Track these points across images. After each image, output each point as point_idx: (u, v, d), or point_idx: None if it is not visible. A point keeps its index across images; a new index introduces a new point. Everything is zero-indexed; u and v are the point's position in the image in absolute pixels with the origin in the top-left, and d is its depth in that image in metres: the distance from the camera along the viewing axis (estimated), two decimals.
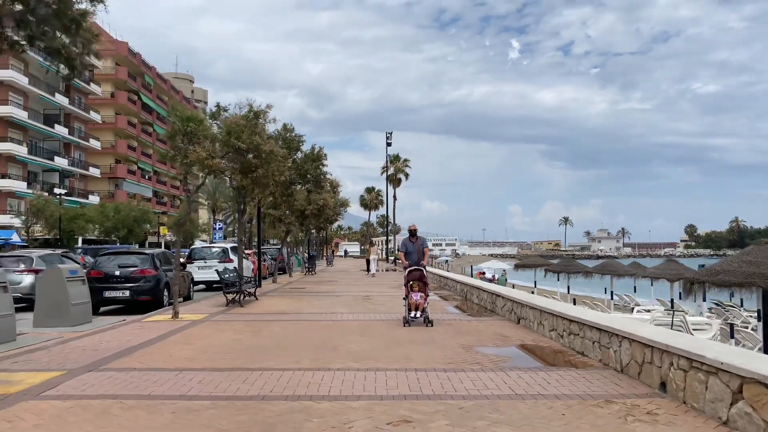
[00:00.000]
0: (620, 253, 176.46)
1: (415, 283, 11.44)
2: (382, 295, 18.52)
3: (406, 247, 12.25)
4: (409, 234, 12.54)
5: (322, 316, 12.92)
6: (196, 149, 11.74)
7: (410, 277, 11.59)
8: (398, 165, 73.56)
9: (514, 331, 10.51)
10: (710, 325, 13.43)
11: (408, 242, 12.30)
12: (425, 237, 12.27)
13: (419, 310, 11.13)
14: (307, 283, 25.27)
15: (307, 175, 19.55)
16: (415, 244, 12.14)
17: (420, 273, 11.58)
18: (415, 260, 11.96)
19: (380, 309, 14.47)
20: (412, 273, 11.61)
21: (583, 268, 25.75)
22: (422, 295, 11.26)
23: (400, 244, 12.36)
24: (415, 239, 12.23)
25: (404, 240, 12.54)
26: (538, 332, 10.21)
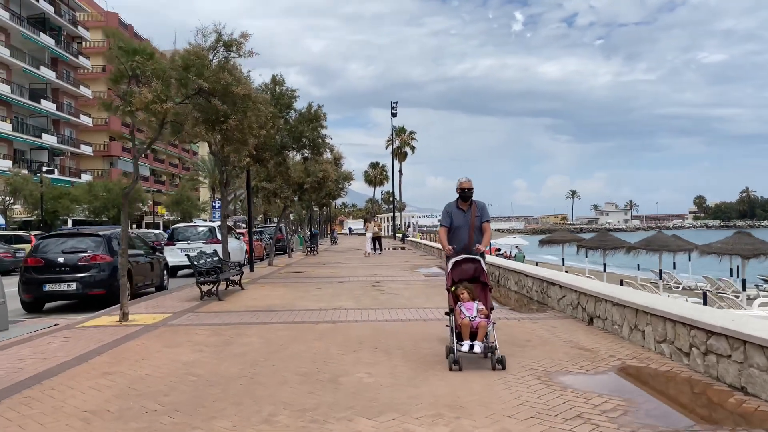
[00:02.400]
0: (628, 226, 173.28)
1: (466, 287, 6.37)
2: (394, 281, 15.35)
3: (450, 218, 6.88)
4: (459, 196, 6.89)
5: (319, 315, 9.75)
6: (142, 91, 8.47)
7: (459, 273, 6.51)
8: (404, 138, 70.09)
9: (594, 339, 7.31)
10: None
11: (455, 210, 6.88)
12: (483, 203, 6.97)
13: (479, 337, 6.04)
14: (307, 266, 22.12)
15: (302, 139, 16.28)
16: (467, 214, 6.77)
17: (477, 267, 6.50)
18: (466, 242, 6.71)
19: (395, 302, 11.29)
20: (463, 266, 6.50)
21: (624, 243, 22.58)
22: (482, 309, 6.23)
23: (442, 213, 7.02)
24: (469, 205, 6.82)
25: (448, 207, 6.96)
26: (633, 341, 7.02)
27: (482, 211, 6.87)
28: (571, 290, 9.17)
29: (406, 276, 16.89)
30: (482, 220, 6.83)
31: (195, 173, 74.66)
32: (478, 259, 6.52)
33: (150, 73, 8.66)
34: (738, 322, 5.23)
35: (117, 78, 9.24)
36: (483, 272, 6.53)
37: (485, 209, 6.95)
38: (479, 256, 6.55)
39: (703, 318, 5.58)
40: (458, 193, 6.88)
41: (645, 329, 6.73)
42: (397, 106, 54.93)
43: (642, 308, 6.76)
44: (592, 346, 6.97)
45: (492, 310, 6.40)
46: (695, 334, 5.65)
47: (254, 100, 9.71)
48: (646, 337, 6.72)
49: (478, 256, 6.53)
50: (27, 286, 11.73)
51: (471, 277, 6.55)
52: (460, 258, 6.52)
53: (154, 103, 8.38)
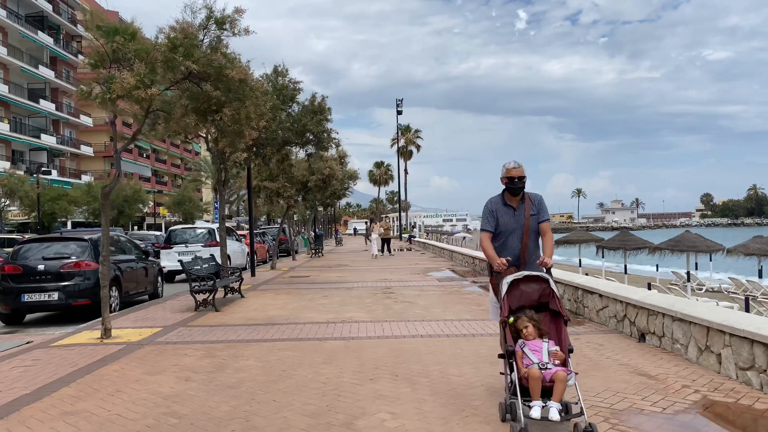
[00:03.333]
0: (635, 224, 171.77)
1: (531, 318, 4.39)
2: (406, 287, 14.20)
3: (496, 219, 4.93)
4: (506, 189, 4.96)
5: (327, 330, 8.62)
6: (124, 75, 7.35)
7: (517, 298, 4.51)
8: (409, 136, 68.92)
9: (653, 362, 6.15)
10: None
11: (501, 208, 4.95)
12: (539, 196, 5.05)
13: (555, 395, 4.05)
14: (312, 269, 20.99)
15: (306, 133, 15.13)
16: (518, 213, 4.90)
17: (543, 288, 4.52)
18: (519, 252, 4.87)
19: (410, 312, 10.16)
20: (522, 288, 4.52)
21: (647, 243, 21.37)
22: (557, 351, 4.29)
23: (483, 214, 5.02)
24: (520, 201, 4.94)
25: (492, 205, 5.01)
26: (704, 366, 5.86)
27: (539, 207, 4.91)
28: (614, 300, 8.01)
29: (418, 281, 15.75)
30: (540, 219, 4.88)
31: (197, 174, 73.80)
32: (546, 278, 4.45)
33: (132, 55, 7.52)
34: None
35: (96, 62, 8.13)
36: (553, 296, 4.43)
37: (543, 204, 4.95)
38: (546, 273, 4.52)
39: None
40: (505, 184, 4.91)
41: (722, 352, 5.58)
42: (402, 104, 53.83)
43: (717, 326, 5.60)
44: (655, 371, 5.81)
45: (571, 353, 4.28)
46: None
47: (252, 87, 8.57)
48: (723, 361, 5.57)
49: (544, 273, 4.49)
50: (4, 297, 10.63)
51: (535, 303, 4.46)
52: (519, 276, 4.46)
53: (137, 88, 7.26)
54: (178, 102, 8.05)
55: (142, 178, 65.27)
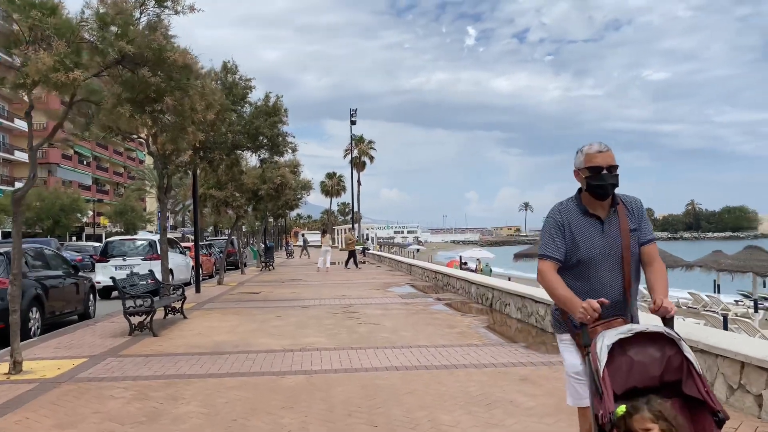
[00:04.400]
0: None
1: (655, 413, 2.34)
2: (368, 305, 13.08)
3: (569, 234, 3.01)
4: (589, 187, 3.00)
5: (285, 360, 7.42)
6: (40, 56, 6.04)
7: (624, 373, 2.51)
8: (363, 147, 68.02)
9: None
10: None
11: (579, 220, 3.04)
12: (638, 201, 3.12)
13: None
14: (263, 284, 19.61)
15: (258, 137, 13.83)
16: (609, 228, 3.01)
17: (670, 356, 2.52)
18: (620, 293, 2.97)
19: (378, 336, 9.05)
20: (630, 354, 2.52)
21: None
22: None
23: (545, 229, 3.08)
24: (610, 208, 3.04)
25: (561, 215, 3.07)
26: (738, 407, 4.97)
27: (640, 218, 3.07)
28: None
29: (380, 297, 14.65)
30: (643, 239, 3.05)
31: (141, 182, 70.97)
32: (673, 337, 2.56)
33: (51, 32, 6.22)
34: None
35: (10, 42, 6.78)
36: (690, 370, 2.50)
37: (644, 215, 3.12)
38: (670, 329, 2.65)
39: None
40: (584, 180, 3.02)
41: (765, 392, 4.69)
42: (356, 114, 52.96)
43: (758, 362, 4.72)
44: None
45: None
46: None
47: (198, 75, 7.36)
48: (765, 404, 4.69)
49: (665, 329, 2.62)
50: None
51: (657, 382, 2.51)
52: (626, 333, 2.55)
53: (56, 71, 5.95)
54: (109, 90, 6.78)
55: (81, 187, 62.27)
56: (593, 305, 2.70)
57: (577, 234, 3.01)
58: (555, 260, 2.99)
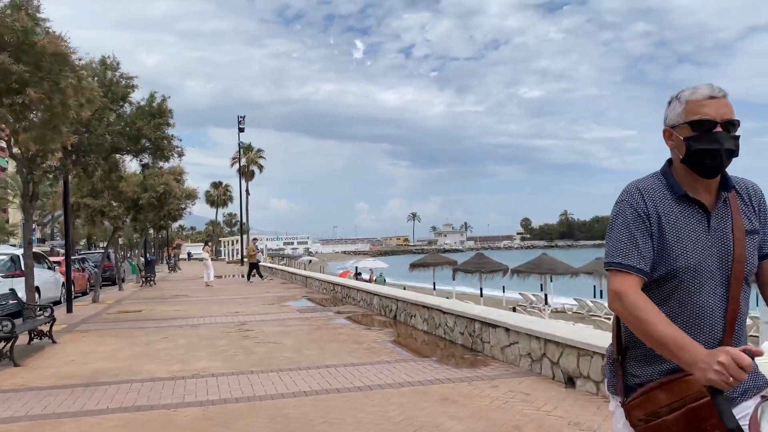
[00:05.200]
0: (464, 246, 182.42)
1: None
2: (264, 321, 12.23)
3: (657, 230, 1.86)
4: (690, 155, 1.85)
5: (176, 391, 6.52)
6: None
7: None
8: (251, 155, 66.07)
9: (603, 417, 5.02)
10: None
11: (673, 209, 1.87)
12: (756, 187, 2.01)
13: None
14: (145, 301, 18.05)
15: (141, 139, 12.54)
16: (718, 223, 1.88)
17: None
18: (721, 317, 1.85)
19: (280, 357, 8.31)
20: None
21: (502, 266, 21.37)
22: None
23: (617, 221, 1.89)
24: (718, 193, 1.90)
25: (644, 201, 1.87)
26: None
27: (764, 217, 1.98)
28: (528, 336, 6.89)
29: (276, 312, 13.82)
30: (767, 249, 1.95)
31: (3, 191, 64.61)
32: None
33: None
34: None
35: None
36: None
37: (766, 205, 2.00)
38: None
39: None
40: (686, 141, 1.86)
41: None
42: (244, 121, 51.42)
43: None
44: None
45: None
46: None
47: (74, 67, 6.30)
48: None
49: None
50: None
51: None
52: None
53: None
54: None
55: None
56: (739, 358, 1.57)
57: (669, 231, 1.85)
58: (640, 273, 1.81)
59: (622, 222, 1.89)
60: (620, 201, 1.93)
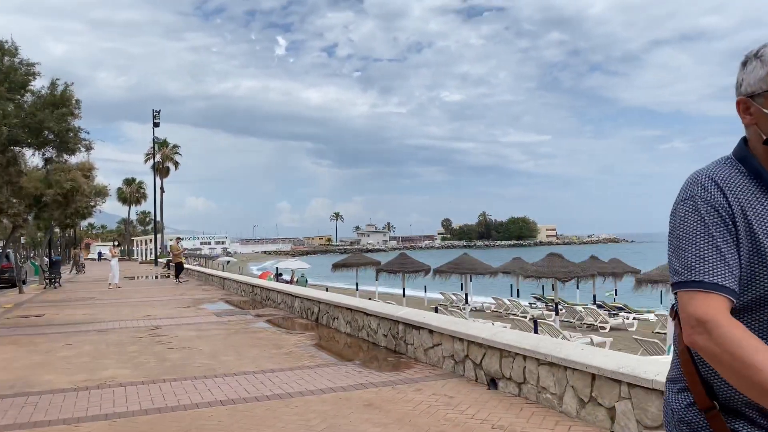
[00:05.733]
0: (387, 246, 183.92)
1: None
2: (179, 325, 11.69)
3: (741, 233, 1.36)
4: None
5: (79, 403, 6.02)
6: None
7: None
8: (166, 151, 63.66)
9: (533, 422, 5.01)
10: None
11: (758, 200, 1.39)
12: None
13: None
14: (48, 305, 16.89)
15: (43, 131, 11.61)
16: None
17: None
18: None
19: (195, 363, 7.91)
20: None
21: (424, 266, 21.49)
22: None
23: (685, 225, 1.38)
24: None
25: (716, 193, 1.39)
26: (591, 422, 4.86)
27: None
28: (452, 338, 6.86)
29: (192, 316, 13.25)
30: None
31: None
32: None
33: None
34: None
35: None
36: None
37: None
38: None
39: None
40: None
41: (618, 405, 4.61)
42: (159, 115, 49.51)
43: (610, 374, 4.64)
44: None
45: None
46: None
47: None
48: (618, 417, 4.60)
49: None
50: None
51: None
52: None
53: None
54: None
55: None
56: None
57: (761, 231, 1.38)
58: (730, 295, 1.33)
59: (698, 225, 1.38)
60: (690, 197, 1.42)
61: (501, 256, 42.04)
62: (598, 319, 19.03)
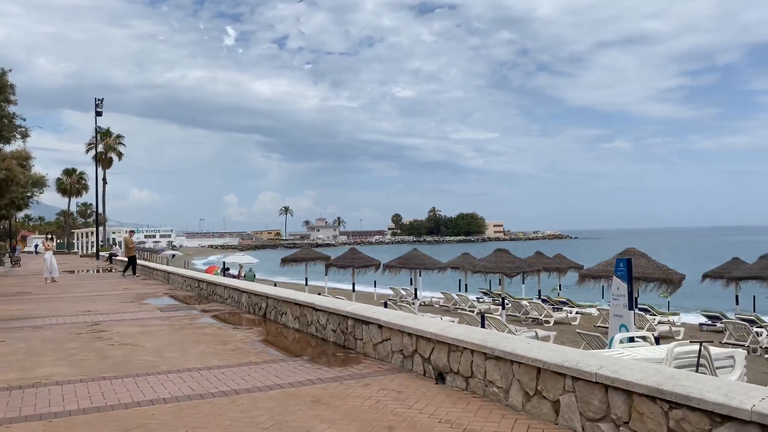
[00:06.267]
0: (337, 241, 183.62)
1: None
2: (121, 321, 11.34)
3: None
4: None
5: (12, 403, 5.74)
6: None
7: None
8: (109, 141, 61.62)
9: (479, 415, 5.07)
10: None
11: None
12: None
13: None
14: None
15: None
16: None
17: None
18: None
19: (137, 360, 7.68)
20: None
21: (374, 261, 21.50)
22: None
23: None
24: None
25: None
26: (536, 415, 4.95)
27: None
28: (400, 333, 6.87)
29: (135, 312, 12.87)
30: None
31: None
32: None
33: None
34: None
35: None
36: None
37: None
38: None
39: (692, 391, 3.69)
40: None
41: (562, 398, 4.71)
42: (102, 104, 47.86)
43: (555, 368, 4.73)
44: (487, 428, 4.71)
45: None
46: (682, 415, 3.75)
47: None
48: (563, 410, 4.70)
49: None
50: None
51: None
52: None
53: None
54: None
55: None
56: None
57: None
58: None
59: None
60: None
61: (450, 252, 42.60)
62: (542, 313, 19.49)
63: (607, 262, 14.94)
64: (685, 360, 6.31)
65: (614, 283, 11.16)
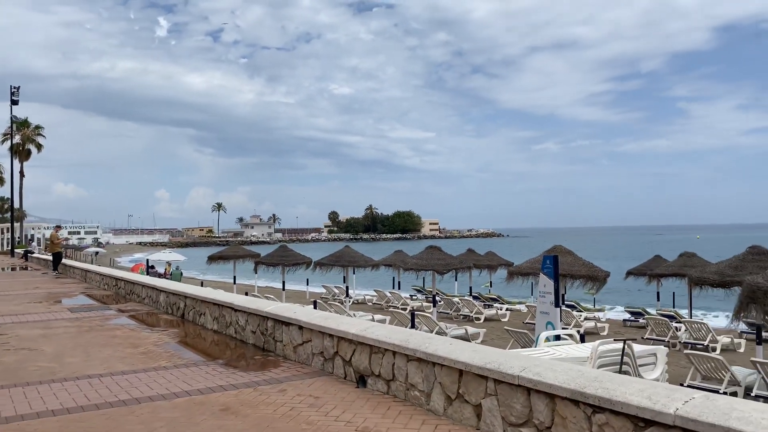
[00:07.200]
0: (272, 239, 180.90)
1: None
2: (24, 324, 10.47)
3: None
4: None
5: None
6: None
7: None
8: (27, 132, 58.21)
9: (391, 419, 4.77)
10: None
11: None
12: None
13: None
14: None
15: None
16: None
17: None
18: None
19: (32, 366, 6.99)
20: None
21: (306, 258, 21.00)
22: None
23: None
24: None
25: None
26: (457, 420, 4.70)
27: None
28: (321, 334, 6.51)
29: (42, 312, 11.94)
30: None
31: None
32: None
33: None
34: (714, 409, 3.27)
35: None
36: None
37: None
38: None
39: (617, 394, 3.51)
40: None
41: (484, 402, 4.47)
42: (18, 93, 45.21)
43: (477, 370, 4.49)
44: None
45: None
46: (605, 420, 3.57)
47: None
48: (484, 414, 4.47)
49: None
50: None
51: None
52: None
53: None
54: None
55: None
56: None
57: None
58: None
59: None
60: None
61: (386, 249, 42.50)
62: (473, 310, 19.54)
63: (534, 260, 15.10)
64: (609, 358, 6.24)
65: (541, 280, 11.18)
